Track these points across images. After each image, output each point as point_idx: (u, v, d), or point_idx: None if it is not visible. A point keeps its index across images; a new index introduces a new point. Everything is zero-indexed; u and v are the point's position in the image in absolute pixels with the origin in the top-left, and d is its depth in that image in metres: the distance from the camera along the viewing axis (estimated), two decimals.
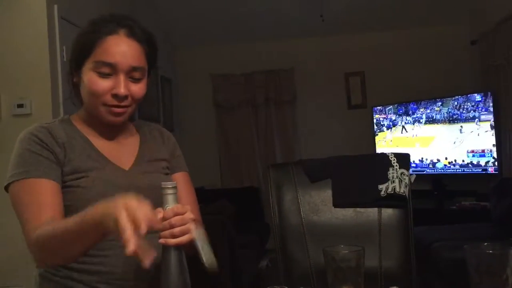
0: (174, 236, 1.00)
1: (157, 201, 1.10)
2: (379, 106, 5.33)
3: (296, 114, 5.61)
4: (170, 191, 1.03)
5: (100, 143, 1.29)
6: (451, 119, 4.70)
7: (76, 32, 1.29)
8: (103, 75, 1.18)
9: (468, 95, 4.57)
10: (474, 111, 4.50)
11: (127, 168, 1.29)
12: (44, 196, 1.17)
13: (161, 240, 1.01)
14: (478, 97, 4.48)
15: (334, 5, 4.90)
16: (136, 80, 1.22)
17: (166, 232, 1.01)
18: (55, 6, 3.08)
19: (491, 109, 4.35)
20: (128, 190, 1.17)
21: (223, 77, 5.66)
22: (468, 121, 4.54)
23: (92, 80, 1.19)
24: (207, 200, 3.81)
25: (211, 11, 5.09)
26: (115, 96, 1.19)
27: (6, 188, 1.22)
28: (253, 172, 5.60)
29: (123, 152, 1.32)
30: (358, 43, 5.46)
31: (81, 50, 1.20)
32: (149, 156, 1.35)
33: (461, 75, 5.12)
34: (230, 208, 3.40)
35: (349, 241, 1.16)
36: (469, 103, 4.55)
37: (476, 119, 4.48)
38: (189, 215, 1.04)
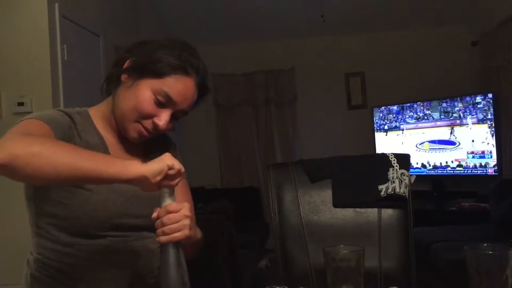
0: (164, 233, 1.01)
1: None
2: (379, 106, 5.33)
3: (296, 114, 5.61)
4: (166, 189, 1.03)
5: (111, 142, 1.30)
6: (451, 120, 4.70)
7: (78, 31, 1.29)
8: (157, 102, 1.22)
9: (469, 96, 4.57)
10: (474, 112, 4.50)
11: None
12: (45, 135, 1.13)
13: (157, 239, 1.02)
14: (478, 98, 4.48)
15: (335, 5, 4.89)
16: (177, 119, 1.29)
17: (159, 230, 1.02)
18: (56, 5, 3.09)
19: (491, 110, 4.35)
20: (129, 199, 1.23)
21: (224, 77, 5.66)
22: (468, 122, 4.54)
23: (147, 100, 1.22)
24: (207, 200, 3.82)
25: (211, 10, 5.09)
26: (154, 125, 1.24)
27: None
28: (253, 172, 5.60)
29: (129, 157, 1.32)
30: (358, 43, 5.47)
31: (153, 69, 1.22)
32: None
33: (462, 76, 5.12)
34: (230, 208, 3.40)
35: (349, 241, 1.16)
36: (469, 104, 4.55)
37: (476, 120, 4.48)
38: (184, 212, 1.04)
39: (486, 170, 4.42)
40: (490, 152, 4.37)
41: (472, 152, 4.53)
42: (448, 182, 4.77)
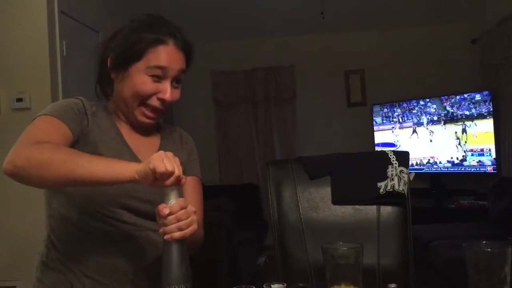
0: (180, 229, 1.03)
1: (163, 201, 1.12)
2: (379, 104, 5.33)
3: (295, 111, 5.61)
4: (173, 187, 1.04)
5: (126, 132, 1.35)
6: (451, 118, 4.70)
7: (77, 27, 1.30)
8: (154, 79, 1.26)
9: (468, 94, 4.57)
10: (474, 110, 4.50)
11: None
12: (57, 133, 1.20)
13: (167, 236, 1.03)
14: (478, 96, 4.48)
15: (334, 2, 4.89)
16: (177, 86, 1.32)
17: (172, 226, 1.03)
18: (55, 1, 3.08)
19: (491, 108, 4.35)
20: (141, 188, 1.23)
21: (223, 74, 5.65)
22: (468, 120, 4.55)
23: (143, 82, 1.26)
24: (206, 197, 3.82)
25: (211, 8, 5.09)
26: (161, 100, 1.28)
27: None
28: (252, 169, 5.60)
29: (144, 147, 1.35)
30: (358, 41, 5.46)
31: (132, 53, 1.27)
32: (169, 148, 1.33)
33: (461, 74, 5.12)
34: (229, 205, 3.40)
35: (347, 238, 1.15)
36: (468, 102, 4.55)
37: (476, 118, 4.48)
38: (191, 208, 1.07)
39: (485, 168, 4.42)
40: (489, 150, 4.37)
41: (471, 150, 4.53)
42: (447, 180, 4.78)
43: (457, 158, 4.63)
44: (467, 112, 4.56)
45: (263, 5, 5.06)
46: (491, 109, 4.34)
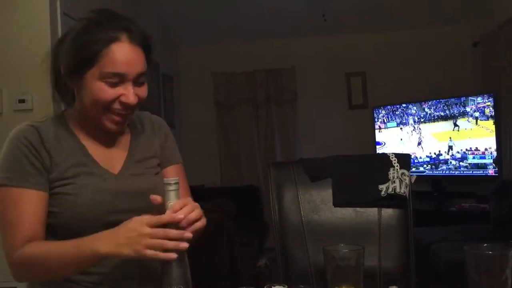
0: (190, 223, 1.05)
1: (146, 206, 1.13)
2: (380, 106, 5.33)
3: (296, 113, 5.61)
4: (172, 187, 1.04)
5: (91, 144, 1.27)
6: (452, 121, 4.70)
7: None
8: (112, 84, 1.16)
9: (469, 97, 4.56)
10: (475, 112, 4.50)
11: (116, 171, 1.27)
12: (25, 212, 1.15)
13: (187, 234, 1.03)
14: (479, 99, 4.48)
15: (336, 5, 4.89)
16: (141, 84, 1.21)
17: (183, 223, 1.03)
18: (58, 2, 3.08)
19: (492, 111, 4.35)
20: (116, 196, 1.21)
21: (224, 75, 5.66)
22: (469, 123, 4.54)
23: (101, 89, 1.15)
24: (206, 199, 3.82)
25: (213, 9, 5.09)
26: (124, 104, 1.18)
27: None
28: (253, 171, 5.60)
29: (113, 153, 1.29)
30: (359, 43, 5.47)
31: (83, 60, 1.15)
32: (139, 155, 1.32)
33: (463, 76, 5.12)
34: (230, 207, 3.40)
35: (348, 241, 1.15)
36: (470, 105, 4.55)
37: (477, 121, 4.48)
38: (193, 203, 1.09)
39: (487, 170, 4.42)
40: (491, 153, 4.37)
41: (473, 153, 4.52)
42: (448, 183, 4.77)
43: (458, 161, 4.63)
44: (468, 115, 4.55)
45: (265, 7, 5.06)
46: (493, 112, 4.34)
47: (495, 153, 4.33)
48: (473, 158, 4.52)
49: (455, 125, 4.66)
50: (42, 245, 1.14)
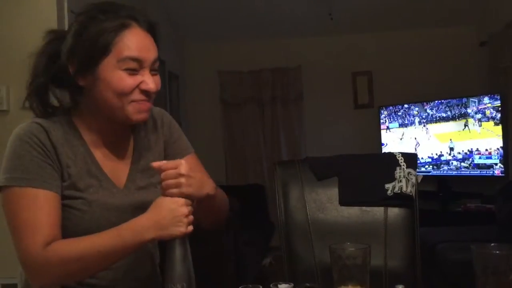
0: (165, 188, 1.08)
1: None
2: (386, 106, 5.32)
3: (302, 113, 5.61)
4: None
5: (97, 151, 1.23)
6: (459, 121, 4.68)
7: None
8: (130, 72, 1.14)
9: (476, 97, 4.55)
10: (482, 113, 4.48)
11: (122, 183, 1.25)
12: (44, 213, 1.11)
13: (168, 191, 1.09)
14: (486, 99, 4.46)
15: (343, 4, 4.88)
16: (156, 72, 1.20)
17: (163, 184, 1.09)
18: (65, 0, 3.09)
19: (499, 111, 4.33)
20: (124, 212, 1.19)
21: (231, 74, 5.66)
22: (475, 123, 4.53)
23: (120, 78, 1.13)
24: None
25: (220, 7, 5.09)
26: (145, 92, 1.16)
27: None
28: (258, 170, 5.60)
29: (118, 161, 1.27)
30: (366, 43, 5.45)
31: (97, 50, 1.12)
32: (143, 163, 1.30)
33: (469, 76, 5.10)
34: (235, 205, 3.40)
35: (354, 240, 1.16)
36: (476, 105, 4.53)
37: (484, 121, 4.46)
38: (180, 169, 1.09)
39: (493, 171, 4.40)
40: (497, 153, 4.35)
41: (479, 153, 4.51)
42: (454, 183, 4.76)
43: (464, 161, 4.61)
44: (475, 115, 4.53)
45: (271, 6, 5.06)
46: (499, 112, 4.32)
47: (501, 154, 4.31)
48: (480, 158, 4.50)
49: (465, 125, 4.64)
50: (75, 242, 1.10)
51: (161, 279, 1.24)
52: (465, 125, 4.62)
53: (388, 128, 5.32)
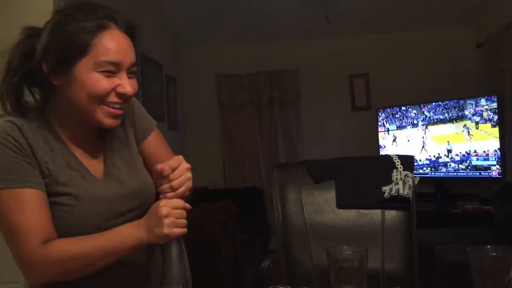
0: (172, 189, 1.09)
1: (139, 204, 1.17)
2: (383, 108, 5.32)
3: (300, 115, 5.61)
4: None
5: (73, 145, 1.21)
6: (456, 122, 4.69)
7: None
8: (107, 75, 1.11)
9: (473, 99, 4.56)
10: (479, 114, 4.49)
11: (100, 174, 1.23)
12: (34, 213, 1.09)
13: (164, 195, 1.10)
14: (483, 101, 4.47)
15: (339, 6, 4.89)
16: (133, 75, 1.17)
17: (166, 186, 1.10)
18: (62, 3, 3.09)
19: (496, 113, 4.34)
20: (113, 202, 1.19)
21: (228, 77, 5.66)
22: (472, 125, 4.54)
23: (97, 80, 1.10)
24: (210, 200, 3.82)
25: (217, 11, 5.10)
26: (122, 95, 1.14)
27: None
28: (256, 173, 5.60)
29: (93, 153, 1.24)
30: (363, 45, 5.46)
31: (74, 50, 1.09)
32: (117, 150, 1.28)
33: (466, 78, 5.12)
34: (233, 208, 3.40)
35: (352, 242, 1.16)
36: (474, 107, 4.54)
37: (481, 123, 4.47)
38: (184, 165, 1.12)
39: (490, 172, 4.41)
40: (494, 155, 4.36)
41: (476, 155, 4.52)
42: (452, 184, 4.77)
43: (462, 163, 4.62)
44: (472, 116, 4.54)
45: (268, 9, 5.07)
46: (496, 114, 4.33)
47: (498, 155, 4.32)
48: (477, 160, 4.51)
49: (462, 127, 4.65)
50: (75, 241, 1.10)
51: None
52: (463, 127, 4.63)
53: (388, 130, 5.33)
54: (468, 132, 4.58)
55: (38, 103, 1.20)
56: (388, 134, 5.30)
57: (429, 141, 4.94)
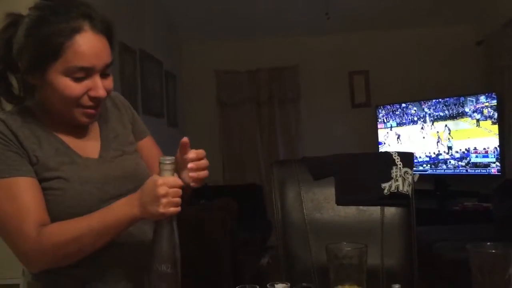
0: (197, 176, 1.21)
1: (134, 188, 1.14)
2: (383, 105, 5.32)
3: (299, 112, 5.61)
4: (168, 167, 1.06)
5: (63, 136, 1.20)
6: (455, 120, 4.69)
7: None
8: (78, 79, 1.10)
9: (473, 96, 4.56)
10: (479, 112, 4.49)
11: (96, 155, 1.23)
12: (27, 200, 1.09)
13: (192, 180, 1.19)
14: (483, 98, 4.47)
15: (339, 3, 4.88)
16: (107, 75, 1.16)
17: (194, 174, 1.21)
18: None
19: (496, 110, 4.34)
20: (105, 183, 1.19)
21: (228, 73, 5.66)
22: (472, 122, 4.54)
23: (67, 86, 1.09)
24: (209, 197, 3.82)
25: (217, 7, 5.09)
26: (93, 98, 1.13)
27: None
28: (255, 169, 5.60)
29: (87, 143, 1.24)
30: (363, 42, 5.46)
31: (46, 54, 1.07)
32: (113, 138, 1.29)
33: (466, 75, 5.11)
34: (233, 205, 3.40)
35: (351, 239, 1.15)
36: (474, 104, 4.54)
37: (481, 120, 4.47)
38: (201, 152, 1.26)
39: (490, 169, 4.41)
40: (494, 152, 4.36)
41: (476, 152, 4.52)
42: (451, 182, 4.77)
43: (461, 160, 4.62)
44: (471, 114, 4.54)
45: (268, 6, 5.06)
46: (496, 111, 4.33)
47: (498, 152, 4.32)
48: (476, 157, 4.51)
49: (462, 124, 4.65)
50: (68, 224, 1.09)
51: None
52: (463, 124, 4.63)
53: (390, 127, 5.32)
54: (468, 129, 4.58)
55: (22, 97, 1.21)
56: (391, 130, 5.30)
57: (429, 138, 4.94)
